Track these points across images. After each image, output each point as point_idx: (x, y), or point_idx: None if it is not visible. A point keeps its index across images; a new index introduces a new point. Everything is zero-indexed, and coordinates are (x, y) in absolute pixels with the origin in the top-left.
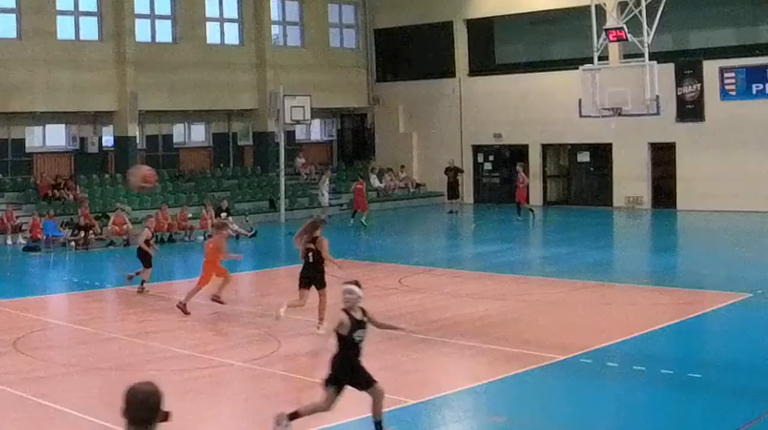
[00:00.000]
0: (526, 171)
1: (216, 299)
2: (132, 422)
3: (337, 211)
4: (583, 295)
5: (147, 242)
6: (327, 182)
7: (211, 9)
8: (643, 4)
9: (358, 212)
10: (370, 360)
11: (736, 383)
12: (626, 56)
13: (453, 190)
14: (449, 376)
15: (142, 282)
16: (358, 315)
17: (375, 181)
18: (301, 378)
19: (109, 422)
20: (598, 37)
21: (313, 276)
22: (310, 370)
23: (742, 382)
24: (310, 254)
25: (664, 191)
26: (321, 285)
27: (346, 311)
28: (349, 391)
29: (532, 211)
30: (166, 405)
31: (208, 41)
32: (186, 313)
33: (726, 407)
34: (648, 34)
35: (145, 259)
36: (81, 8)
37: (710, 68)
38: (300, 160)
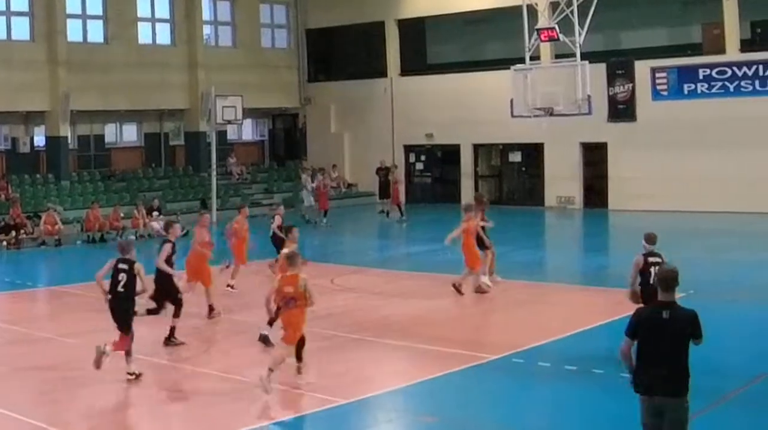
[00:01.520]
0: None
1: (457, 288)
2: (662, 290)
3: (268, 211)
4: (515, 294)
5: (279, 228)
6: (310, 181)
7: (142, 9)
8: (575, 4)
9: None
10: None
11: None
12: (558, 56)
13: (384, 191)
14: (381, 376)
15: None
16: None
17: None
18: (234, 378)
19: (44, 422)
20: (530, 37)
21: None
22: (243, 370)
23: None
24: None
25: (595, 191)
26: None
27: None
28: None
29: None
30: (102, 405)
31: (140, 41)
32: (461, 293)
33: None
34: (579, 34)
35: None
36: (12, 8)
37: (642, 68)
38: (232, 161)
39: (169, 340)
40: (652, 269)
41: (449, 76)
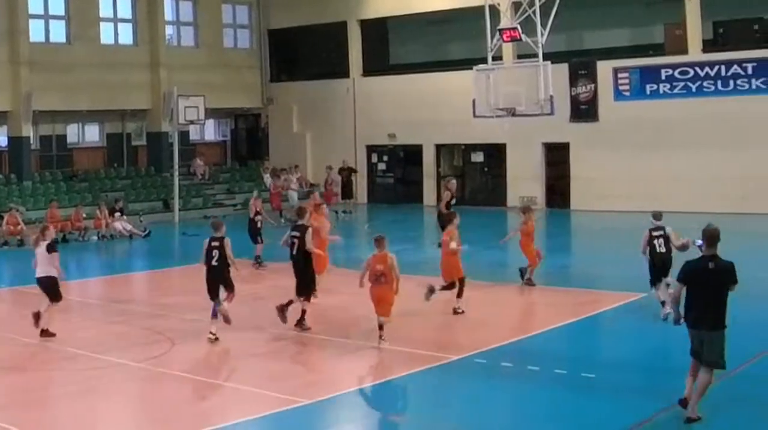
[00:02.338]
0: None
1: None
2: (708, 245)
3: (231, 211)
4: (478, 295)
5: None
6: (296, 181)
7: (105, 9)
8: (537, 4)
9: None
10: (263, 360)
11: (629, 383)
12: (520, 56)
13: (347, 191)
14: (344, 376)
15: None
16: None
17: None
18: (195, 378)
19: (7, 423)
20: (492, 37)
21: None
22: (204, 370)
23: (635, 382)
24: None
25: (557, 191)
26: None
27: None
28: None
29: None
30: (63, 406)
31: (102, 41)
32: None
33: (619, 406)
34: (542, 35)
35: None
36: None
37: (604, 68)
38: (199, 161)
39: (300, 322)
40: (655, 242)
41: (412, 77)
